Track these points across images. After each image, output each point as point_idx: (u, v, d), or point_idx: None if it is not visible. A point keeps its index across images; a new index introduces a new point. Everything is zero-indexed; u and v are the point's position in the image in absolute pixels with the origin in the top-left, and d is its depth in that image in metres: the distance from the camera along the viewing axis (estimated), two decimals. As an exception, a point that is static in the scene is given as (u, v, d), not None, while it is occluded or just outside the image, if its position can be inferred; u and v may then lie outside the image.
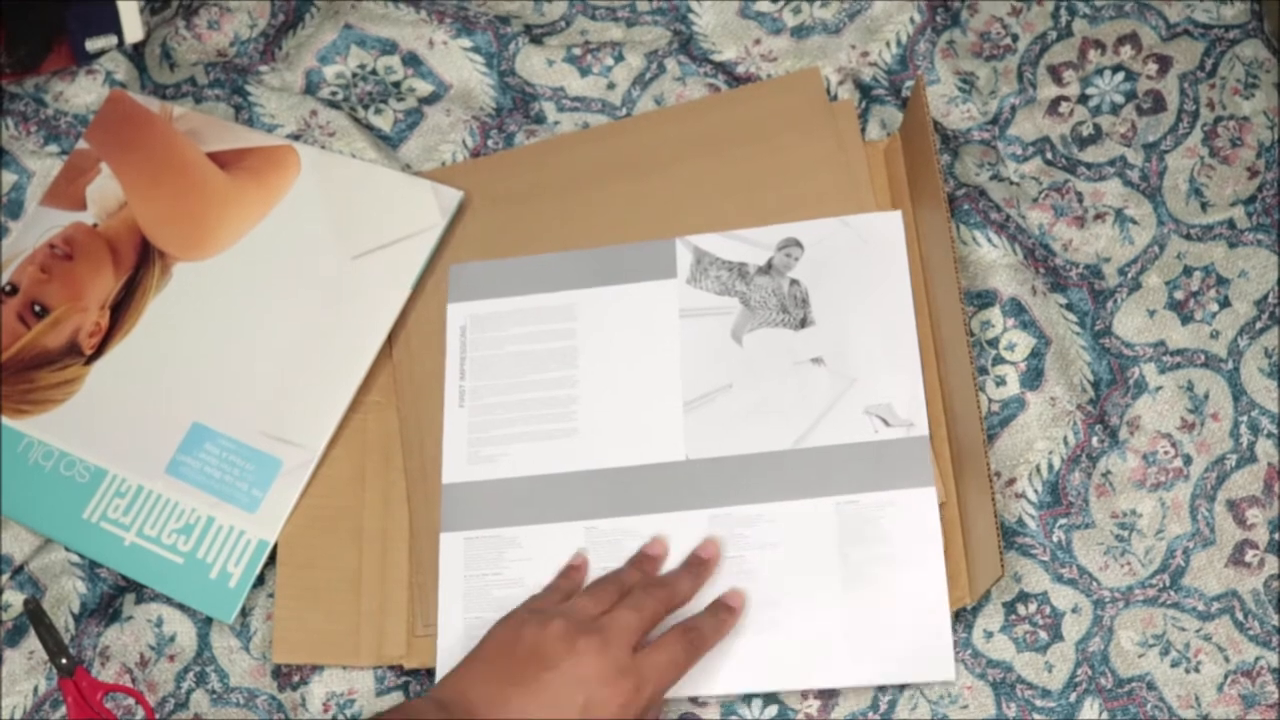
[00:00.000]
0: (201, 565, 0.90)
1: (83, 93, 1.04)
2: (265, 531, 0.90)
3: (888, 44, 0.99)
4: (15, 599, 0.92)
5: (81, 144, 1.03)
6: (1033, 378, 0.90)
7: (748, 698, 0.86)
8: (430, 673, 0.88)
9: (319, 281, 0.97)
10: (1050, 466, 0.89)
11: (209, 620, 0.91)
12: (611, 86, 1.01)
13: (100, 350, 0.97)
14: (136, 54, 1.06)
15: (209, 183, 1.00)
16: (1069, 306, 0.92)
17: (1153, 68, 0.97)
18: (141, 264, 0.99)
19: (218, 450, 0.92)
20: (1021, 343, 0.91)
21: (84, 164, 1.02)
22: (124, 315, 0.97)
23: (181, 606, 0.91)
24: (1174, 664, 0.85)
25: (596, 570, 0.86)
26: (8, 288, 0.99)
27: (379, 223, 0.97)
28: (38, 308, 0.98)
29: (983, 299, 0.92)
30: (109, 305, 0.98)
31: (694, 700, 0.86)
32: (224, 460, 0.92)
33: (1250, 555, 0.87)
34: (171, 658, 0.90)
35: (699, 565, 0.85)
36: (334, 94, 1.02)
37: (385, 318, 0.95)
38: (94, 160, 1.02)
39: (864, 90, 0.98)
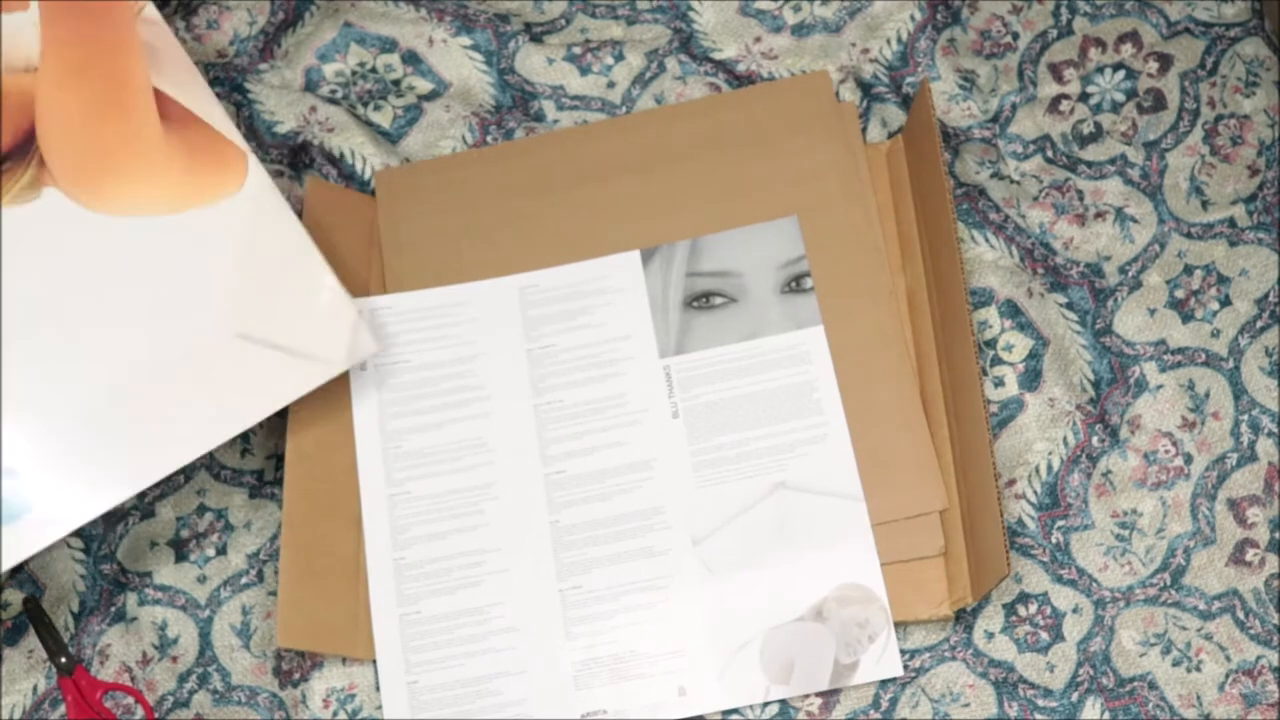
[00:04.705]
0: None
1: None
2: None
3: (888, 41, 0.99)
4: (15, 598, 0.92)
5: None
6: (1031, 379, 0.90)
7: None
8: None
9: (187, 330, 0.81)
10: (1049, 468, 0.89)
11: (210, 620, 0.91)
12: (611, 85, 1.01)
13: None
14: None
15: (139, 122, 0.81)
16: (1069, 305, 0.92)
17: (1153, 66, 0.97)
18: (11, 154, 0.78)
19: None
20: (1019, 344, 0.91)
21: None
22: None
23: (183, 607, 0.91)
24: (1175, 663, 0.85)
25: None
26: None
27: (284, 318, 0.82)
28: None
29: (978, 296, 0.92)
30: None
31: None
32: None
33: (1251, 554, 0.87)
34: (174, 659, 0.90)
35: None
36: (333, 92, 1.02)
37: (244, 416, 0.82)
38: None
39: (865, 88, 0.98)
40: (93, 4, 0.82)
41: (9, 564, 0.75)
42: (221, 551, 0.92)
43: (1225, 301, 0.91)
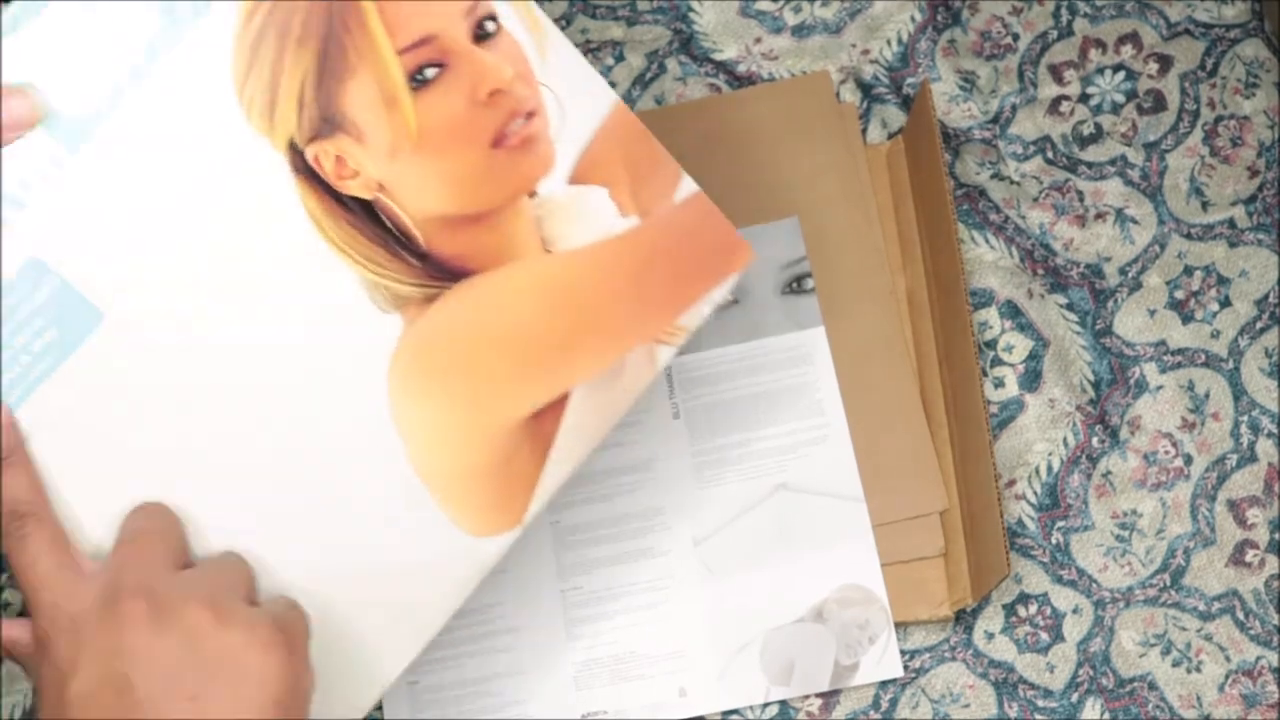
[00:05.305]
0: None
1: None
2: None
3: (889, 42, 0.99)
4: (15, 597, 0.91)
5: None
6: (1031, 380, 0.90)
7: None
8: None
9: None
10: (1049, 468, 0.89)
11: (209, 619, 0.91)
12: (612, 85, 1.01)
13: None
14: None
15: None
16: (1069, 306, 0.92)
17: (1153, 67, 0.97)
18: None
19: None
20: (1019, 345, 0.91)
21: None
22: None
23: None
24: (1175, 664, 0.85)
25: None
26: None
27: None
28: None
29: (978, 297, 0.92)
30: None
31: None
32: None
33: (1251, 555, 0.87)
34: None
35: None
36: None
37: None
38: None
39: (865, 89, 0.98)
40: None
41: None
42: (222, 552, 0.92)
43: (1225, 302, 0.91)
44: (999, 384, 0.91)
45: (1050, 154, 0.96)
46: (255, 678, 0.55)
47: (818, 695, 0.86)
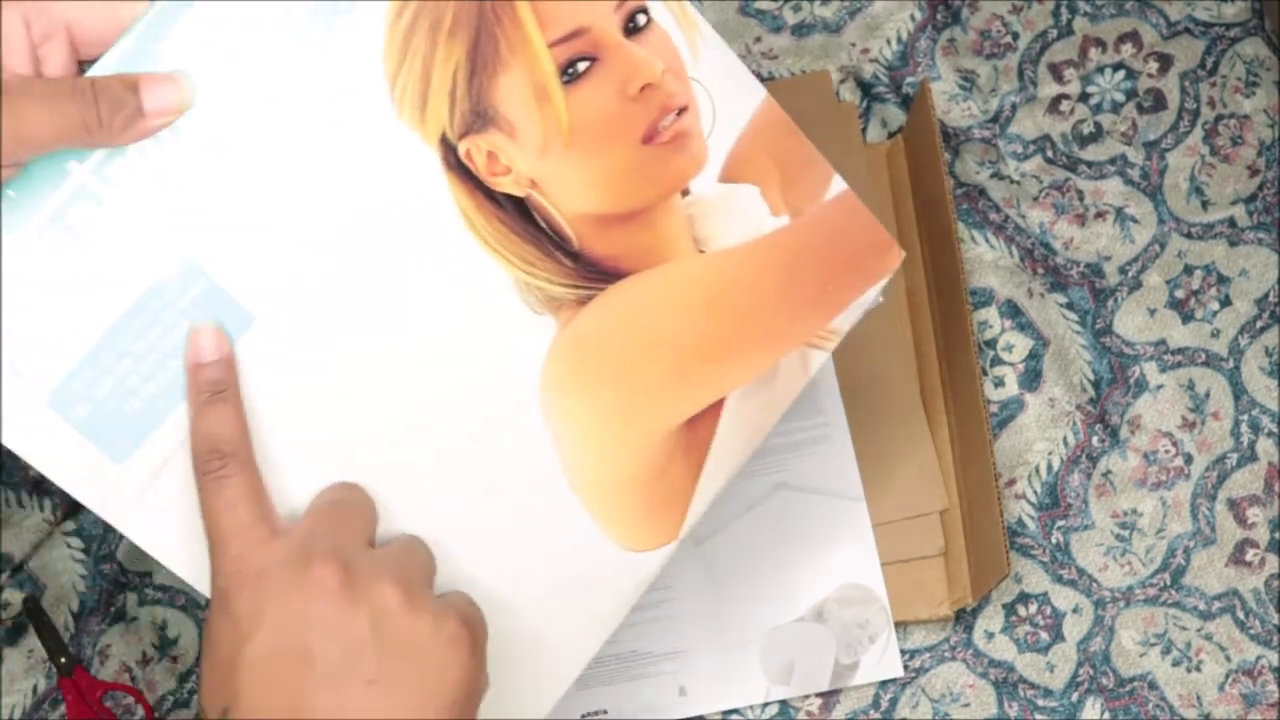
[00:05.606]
0: None
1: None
2: None
3: (888, 41, 0.99)
4: (15, 597, 0.91)
5: None
6: (1031, 379, 0.90)
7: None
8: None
9: None
10: (1049, 468, 0.89)
11: (209, 619, 0.91)
12: (612, 84, 1.01)
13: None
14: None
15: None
16: (1069, 305, 0.92)
17: (1153, 66, 0.97)
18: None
19: None
20: (1019, 344, 0.91)
21: None
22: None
23: (184, 608, 0.91)
24: (1175, 663, 0.85)
25: None
26: None
27: None
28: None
29: (978, 296, 0.92)
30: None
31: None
32: None
33: (1251, 554, 0.87)
34: (175, 659, 0.90)
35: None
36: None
37: None
38: None
39: (865, 88, 0.98)
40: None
41: None
42: (221, 551, 0.92)
43: (1225, 301, 0.91)
44: (999, 383, 0.91)
45: (1050, 153, 0.96)
46: (437, 672, 0.52)
47: (818, 695, 0.86)
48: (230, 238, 0.56)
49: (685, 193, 0.63)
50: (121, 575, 0.92)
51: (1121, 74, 0.97)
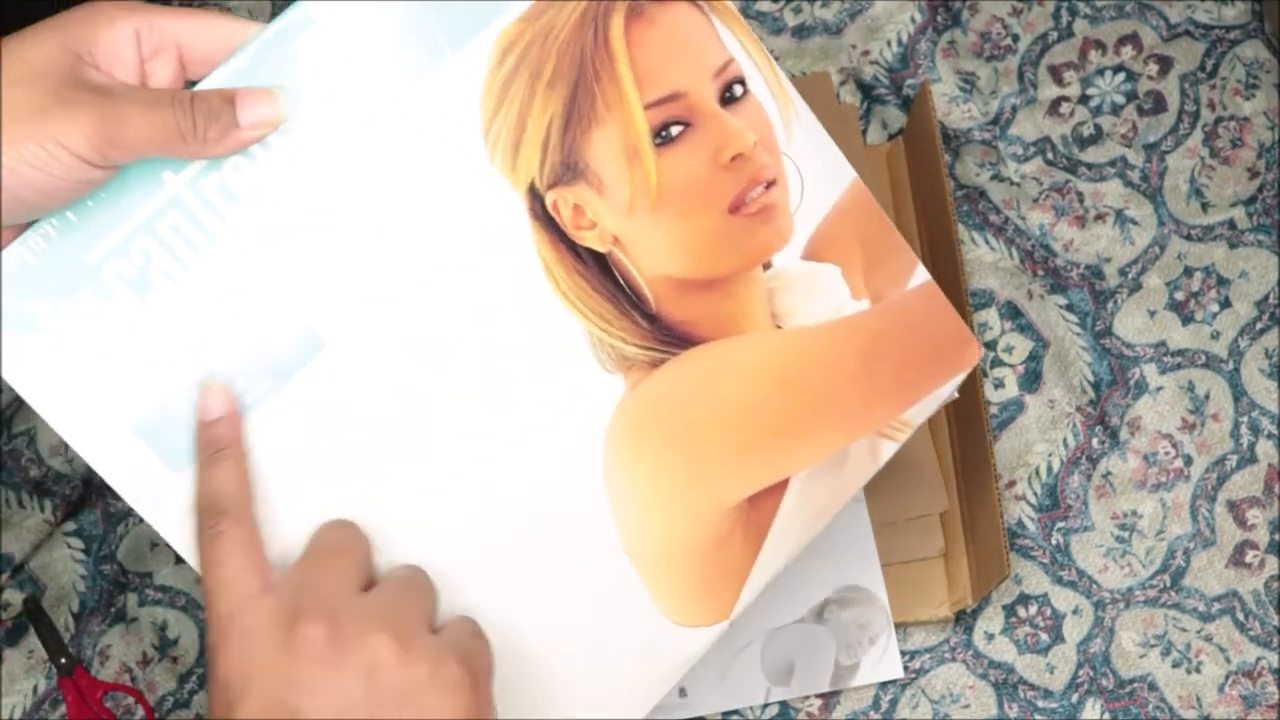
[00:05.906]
0: None
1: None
2: None
3: (889, 43, 0.99)
4: (15, 598, 0.91)
5: None
6: (1031, 380, 0.90)
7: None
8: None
9: None
10: (1049, 469, 0.89)
11: (209, 620, 0.91)
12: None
13: None
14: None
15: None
16: (1069, 307, 0.92)
17: (1153, 68, 0.97)
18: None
19: None
20: (1019, 345, 0.91)
21: None
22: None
23: (184, 608, 0.91)
24: (1175, 664, 0.85)
25: None
26: None
27: None
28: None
29: (978, 298, 0.92)
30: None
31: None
32: None
33: (1251, 556, 0.87)
34: (175, 659, 0.90)
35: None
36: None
37: None
38: None
39: (865, 90, 0.98)
40: None
41: None
42: (222, 552, 0.92)
43: (1225, 303, 0.92)
44: (999, 384, 0.91)
45: (1050, 155, 0.96)
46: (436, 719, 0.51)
47: (818, 695, 0.86)
48: (312, 262, 0.56)
49: (767, 266, 0.62)
50: (122, 576, 0.92)
51: (1121, 76, 0.97)
